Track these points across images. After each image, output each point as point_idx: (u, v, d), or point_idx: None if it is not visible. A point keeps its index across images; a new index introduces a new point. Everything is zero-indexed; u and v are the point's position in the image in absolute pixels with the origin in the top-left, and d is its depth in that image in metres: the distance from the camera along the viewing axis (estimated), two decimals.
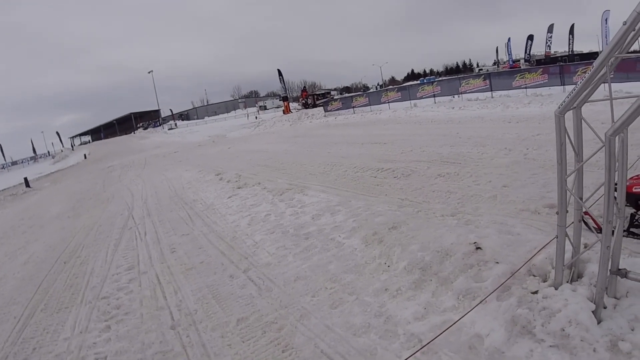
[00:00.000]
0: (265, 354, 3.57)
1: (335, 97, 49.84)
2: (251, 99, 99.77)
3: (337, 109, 35.01)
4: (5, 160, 69.25)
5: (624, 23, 2.39)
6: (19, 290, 6.48)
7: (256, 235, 6.69)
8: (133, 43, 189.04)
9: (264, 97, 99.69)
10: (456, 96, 25.32)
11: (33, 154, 73.99)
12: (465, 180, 7.54)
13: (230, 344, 3.81)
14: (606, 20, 30.49)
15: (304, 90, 58.75)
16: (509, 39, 55.58)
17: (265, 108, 73.37)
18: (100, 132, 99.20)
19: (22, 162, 67.76)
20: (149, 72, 78.33)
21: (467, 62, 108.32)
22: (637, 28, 2.40)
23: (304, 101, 51.76)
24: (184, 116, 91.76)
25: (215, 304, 4.66)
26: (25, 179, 27.94)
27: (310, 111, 39.86)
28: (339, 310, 4.02)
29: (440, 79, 54.87)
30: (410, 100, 28.20)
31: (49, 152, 78.26)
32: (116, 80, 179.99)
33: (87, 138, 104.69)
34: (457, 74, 74.65)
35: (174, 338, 4.11)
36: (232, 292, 4.87)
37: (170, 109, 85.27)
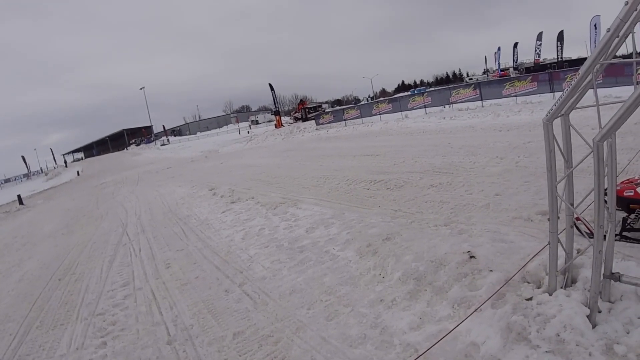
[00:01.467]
0: None
1: (326, 110, 49.81)
2: (243, 113, 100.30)
3: (329, 122, 35.07)
4: None
5: (608, 30, 2.46)
6: (14, 308, 6.42)
7: (251, 249, 6.68)
8: (123, 60, 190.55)
9: (255, 111, 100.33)
10: (447, 106, 25.42)
11: (26, 171, 73.47)
12: (457, 190, 7.57)
13: (227, 358, 3.79)
14: (595, 25, 30.74)
15: (300, 102, 58.78)
16: (498, 48, 56.22)
17: (257, 122, 73.78)
18: (93, 149, 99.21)
19: (15, 179, 67.41)
20: (141, 89, 78.79)
21: (457, 72, 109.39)
22: (620, 34, 2.46)
23: (296, 114, 51.89)
24: (176, 132, 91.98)
25: (211, 318, 4.63)
26: (19, 196, 27.85)
27: (302, 125, 40.15)
28: (335, 322, 4.02)
29: (430, 89, 55.43)
30: (401, 111, 28.32)
31: (41, 169, 77.81)
32: (108, 97, 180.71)
33: (80, 155, 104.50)
34: (447, 84, 75.60)
35: (171, 353, 4.08)
36: (228, 306, 4.85)
37: (163, 125, 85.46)
